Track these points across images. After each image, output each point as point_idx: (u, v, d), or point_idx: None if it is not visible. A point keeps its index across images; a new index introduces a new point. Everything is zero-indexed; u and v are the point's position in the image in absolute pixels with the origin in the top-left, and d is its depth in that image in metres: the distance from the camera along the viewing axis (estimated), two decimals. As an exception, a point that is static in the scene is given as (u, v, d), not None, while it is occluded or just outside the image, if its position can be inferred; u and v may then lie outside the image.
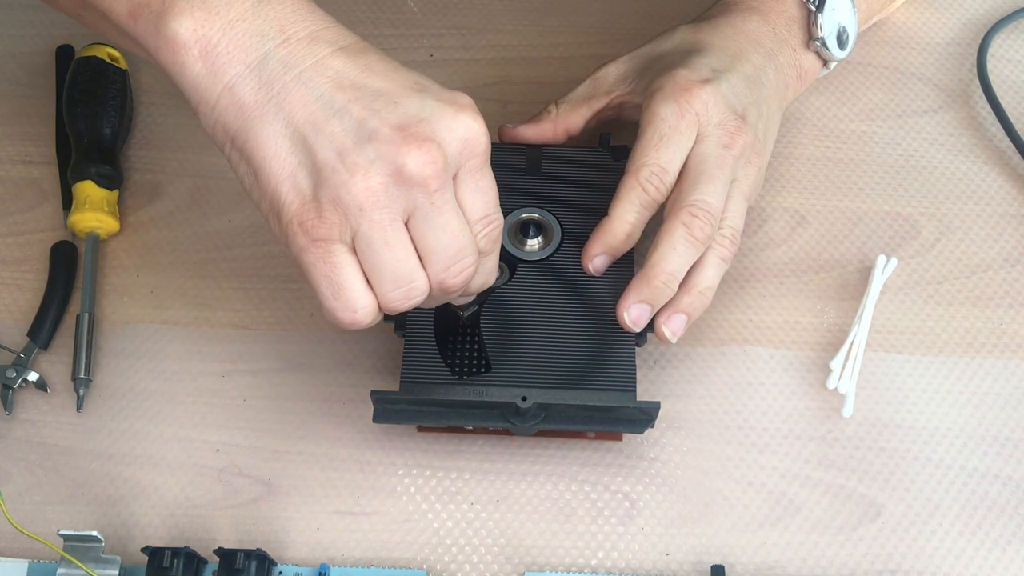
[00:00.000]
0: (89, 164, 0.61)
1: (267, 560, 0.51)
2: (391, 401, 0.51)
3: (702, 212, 0.52)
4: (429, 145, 0.42)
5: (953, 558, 0.52)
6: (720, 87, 0.55)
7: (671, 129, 0.54)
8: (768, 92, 0.58)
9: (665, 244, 0.52)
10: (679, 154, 0.54)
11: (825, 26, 0.60)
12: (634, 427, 0.51)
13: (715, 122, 0.54)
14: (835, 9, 0.60)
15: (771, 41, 0.59)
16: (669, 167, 0.53)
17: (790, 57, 0.60)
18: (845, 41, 0.61)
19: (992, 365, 0.58)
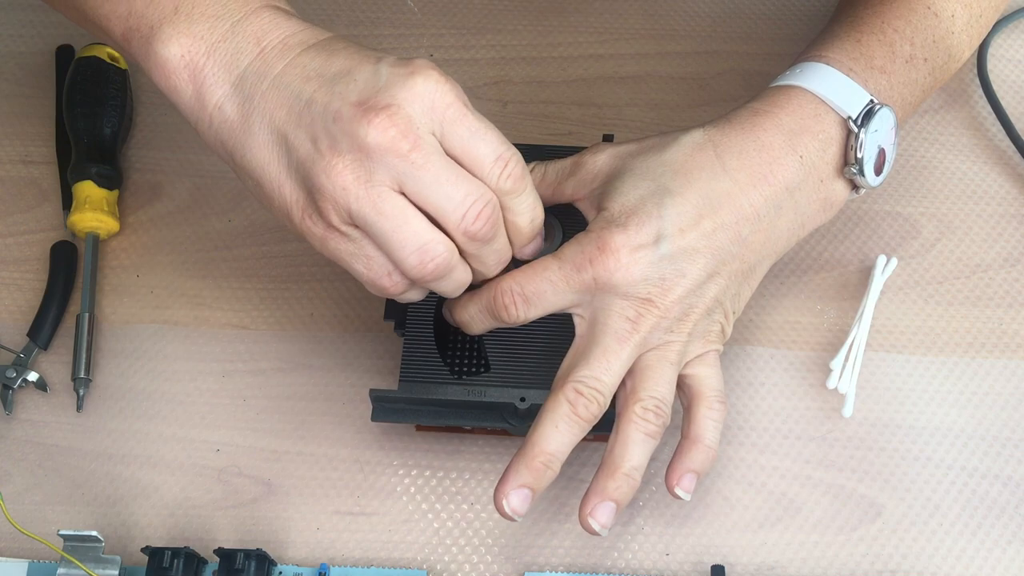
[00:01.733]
0: (89, 164, 0.61)
1: (267, 560, 0.51)
2: (389, 400, 0.51)
3: (588, 389, 0.47)
4: (387, 111, 0.42)
5: (953, 558, 0.52)
6: (644, 253, 0.47)
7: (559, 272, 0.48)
8: (746, 248, 0.49)
9: (546, 421, 0.47)
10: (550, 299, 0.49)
11: (867, 151, 0.50)
12: None
13: (620, 293, 0.47)
14: (878, 130, 0.50)
15: (792, 174, 0.50)
16: (532, 301, 0.49)
17: (814, 191, 0.50)
18: (882, 165, 0.52)
19: (992, 365, 0.58)
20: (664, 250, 0.47)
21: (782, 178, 0.49)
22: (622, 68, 0.68)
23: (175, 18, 0.45)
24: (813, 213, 0.51)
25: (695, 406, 0.50)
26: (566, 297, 0.48)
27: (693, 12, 0.71)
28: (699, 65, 0.68)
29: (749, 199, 0.49)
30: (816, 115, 0.50)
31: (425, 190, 0.44)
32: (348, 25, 0.70)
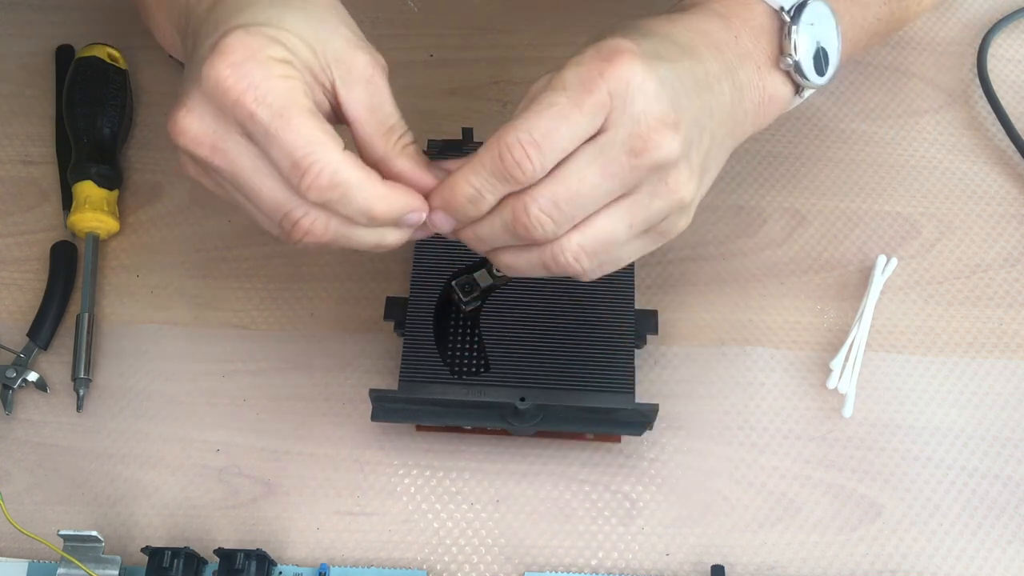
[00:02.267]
0: (89, 164, 0.61)
1: (267, 560, 0.51)
2: (389, 400, 0.51)
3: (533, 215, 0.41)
4: (182, 105, 0.41)
5: (953, 558, 0.52)
6: (657, 70, 0.41)
7: (568, 101, 0.41)
8: (719, 110, 0.45)
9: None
10: (565, 135, 0.41)
11: (801, 43, 0.47)
12: (632, 429, 0.51)
13: (632, 114, 0.41)
14: (814, 23, 0.48)
15: (732, 51, 0.47)
16: (545, 145, 0.40)
17: (753, 76, 0.47)
18: (824, 65, 0.49)
19: (992, 365, 0.58)
20: (668, 68, 0.42)
21: (726, 51, 0.46)
22: (622, 68, 0.68)
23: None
24: (755, 102, 0.48)
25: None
26: (581, 128, 0.41)
27: (693, 12, 0.71)
28: (699, 65, 0.68)
29: (709, 59, 0.46)
30: (745, 4, 0.48)
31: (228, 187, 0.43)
32: (348, 25, 0.70)
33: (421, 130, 0.65)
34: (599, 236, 0.43)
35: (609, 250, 0.43)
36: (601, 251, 0.43)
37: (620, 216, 0.43)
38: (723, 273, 0.60)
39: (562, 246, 0.42)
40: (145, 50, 0.68)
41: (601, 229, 0.43)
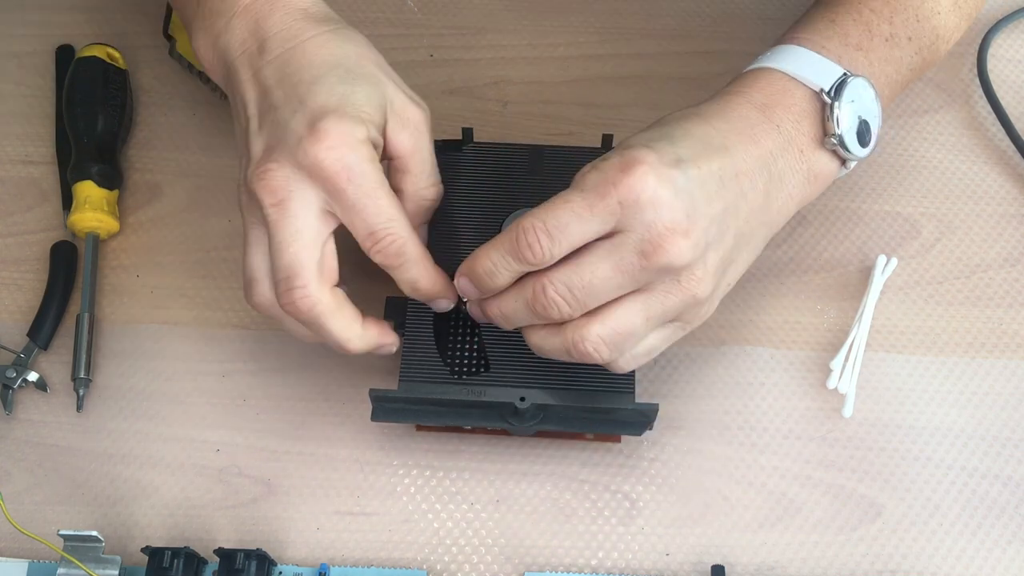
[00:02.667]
0: (89, 164, 0.61)
1: (267, 560, 0.51)
2: (389, 400, 0.51)
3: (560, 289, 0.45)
4: (272, 159, 0.47)
5: (953, 558, 0.52)
6: (674, 181, 0.45)
7: (582, 201, 0.45)
8: (750, 206, 0.48)
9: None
10: (575, 231, 0.45)
11: (843, 120, 0.50)
12: (632, 429, 0.51)
13: (645, 221, 0.44)
14: (854, 101, 0.50)
15: (772, 142, 0.49)
16: (555, 235, 0.45)
17: (795, 160, 0.50)
18: (867, 137, 0.51)
19: (992, 365, 0.58)
20: (686, 178, 0.45)
21: (765, 143, 0.49)
22: (622, 68, 0.68)
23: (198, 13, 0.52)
24: (799, 184, 0.50)
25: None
26: (591, 227, 0.45)
27: (693, 12, 0.71)
28: (699, 65, 0.68)
29: (742, 155, 0.48)
30: (786, 90, 0.51)
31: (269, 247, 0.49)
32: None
33: (421, 130, 0.66)
34: (616, 327, 0.46)
35: (627, 340, 0.46)
36: (620, 341, 0.46)
37: (636, 310, 0.46)
38: (723, 273, 0.60)
39: (582, 335, 0.46)
40: (145, 50, 0.68)
41: (618, 320, 0.46)
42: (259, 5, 0.51)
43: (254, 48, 0.50)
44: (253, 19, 0.50)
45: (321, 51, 0.49)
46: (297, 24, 0.50)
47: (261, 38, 0.50)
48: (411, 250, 0.49)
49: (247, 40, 0.50)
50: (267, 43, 0.50)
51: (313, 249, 0.48)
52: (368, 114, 0.48)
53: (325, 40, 0.50)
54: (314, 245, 0.48)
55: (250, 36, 0.50)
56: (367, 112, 0.48)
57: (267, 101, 0.49)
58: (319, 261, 0.48)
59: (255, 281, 0.50)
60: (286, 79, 0.49)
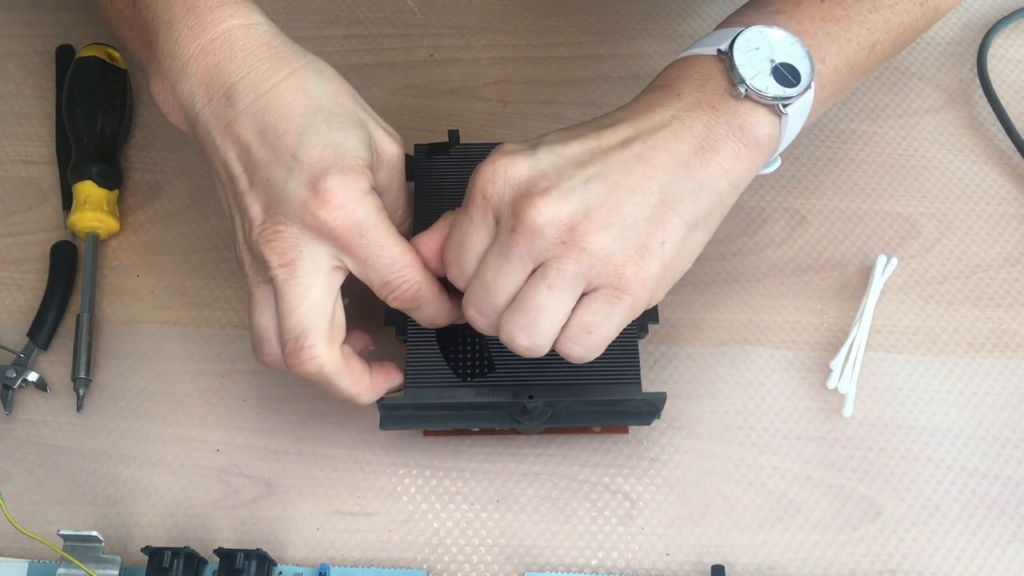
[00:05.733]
0: (89, 164, 0.61)
1: (267, 560, 0.51)
2: (398, 407, 0.51)
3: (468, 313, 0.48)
4: (275, 232, 0.47)
5: (953, 558, 0.52)
6: (528, 156, 0.46)
7: (461, 214, 0.47)
8: (648, 165, 0.46)
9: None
10: (470, 243, 0.47)
11: (745, 68, 0.48)
12: (641, 419, 0.52)
13: (507, 201, 0.46)
14: (759, 47, 0.48)
15: (672, 108, 0.48)
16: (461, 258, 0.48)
17: (709, 117, 0.48)
18: (792, 76, 0.48)
19: (992, 365, 0.58)
20: (545, 151, 0.46)
21: (662, 112, 0.48)
22: (622, 68, 0.68)
23: (151, 56, 0.49)
24: (723, 136, 0.47)
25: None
26: (478, 230, 0.47)
27: (693, 12, 0.71)
28: (699, 65, 0.68)
29: (628, 127, 0.47)
30: (688, 65, 0.50)
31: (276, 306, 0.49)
32: (348, 25, 0.70)
33: (420, 130, 0.66)
34: (522, 307, 0.46)
35: (539, 318, 0.46)
36: (532, 322, 0.46)
37: (535, 283, 0.46)
38: (723, 273, 0.60)
39: (500, 327, 0.47)
40: (145, 50, 0.68)
41: (521, 299, 0.46)
42: (217, 46, 0.47)
43: (220, 97, 0.47)
44: (213, 62, 0.47)
45: (298, 95, 0.47)
46: (263, 65, 0.47)
47: (226, 85, 0.47)
48: (426, 292, 0.49)
49: (210, 86, 0.47)
50: (234, 90, 0.47)
51: (323, 307, 0.47)
52: (364, 159, 0.47)
53: (299, 81, 0.47)
54: (324, 303, 0.47)
55: (212, 82, 0.47)
56: (363, 157, 0.47)
57: (252, 158, 0.47)
58: (329, 320, 0.47)
59: (264, 340, 0.49)
60: (269, 131, 0.47)
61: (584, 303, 0.46)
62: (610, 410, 0.51)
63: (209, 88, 0.47)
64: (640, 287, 0.46)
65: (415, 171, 0.57)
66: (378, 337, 0.57)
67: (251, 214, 0.47)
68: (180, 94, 0.48)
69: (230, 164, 0.48)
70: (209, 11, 0.48)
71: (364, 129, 0.48)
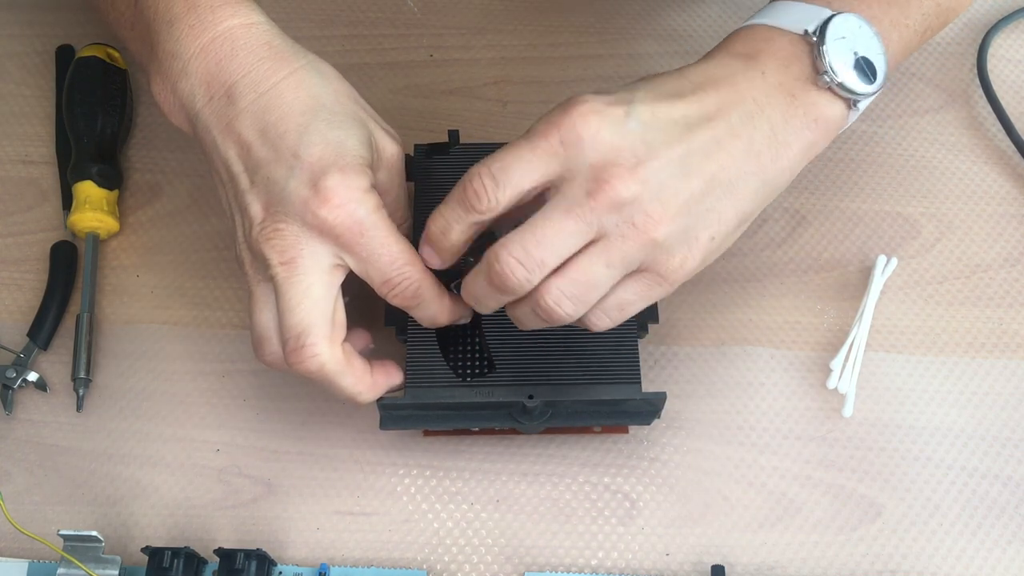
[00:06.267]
0: (89, 164, 0.61)
1: (267, 560, 0.51)
2: (398, 407, 0.51)
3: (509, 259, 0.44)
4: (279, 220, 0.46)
5: (953, 558, 0.52)
6: (619, 120, 0.44)
7: (525, 143, 0.44)
8: (726, 151, 0.46)
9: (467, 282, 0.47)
10: (518, 171, 0.44)
11: (834, 58, 0.47)
12: (641, 418, 0.52)
13: (589, 161, 0.44)
14: (845, 37, 0.48)
15: (757, 88, 0.47)
16: (500, 178, 0.44)
17: (788, 105, 0.47)
18: (870, 73, 0.48)
19: (992, 365, 0.58)
20: (636, 119, 0.44)
21: (745, 90, 0.47)
22: (622, 68, 0.68)
23: (153, 56, 0.49)
24: (797, 130, 0.48)
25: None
26: (535, 169, 0.44)
27: (693, 12, 0.71)
28: (699, 65, 0.68)
29: (715, 101, 0.46)
30: (770, 39, 0.49)
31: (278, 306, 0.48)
32: (348, 25, 0.70)
33: (420, 130, 0.66)
34: (576, 277, 0.44)
35: (589, 291, 0.45)
36: (581, 293, 0.45)
37: (595, 258, 0.44)
38: (723, 273, 0.60)
39: (542, 290, 0.45)
40: (145, 50, 0.68)
41: (577, 269, 0.44)
42: (218, 45, 0.47)
43: (221, 96, 0.47)
44: (214, 61, 0.47)
45: (299, 94, 0.47)
46: (264, 65, 0.47)
47: (227, 83, 0.47)
48: (427, 290, 0.48)
49: (211, 85, 0.47)
50: (235, 89, 0.47)
51: (324, 306, 0.47)
52: (364, 158, 0.47)
53: (299, 80, 0.47)
54: (325, 301, 0.47)
55: (213, 81, 0.47)
56: (363, 156, 0.47)
57: (253, 156, 0.47)
58: (330, 318, 0.47)
59: (265, 340, 0.49)
60: (269, 130, 0.47)
61: (626, 283, 0.46)
62: (610, 410, 0.51)
63: (210, 87, 0.48)
64: (682, 278, 0.46)
65: (415, 171, 0.57)
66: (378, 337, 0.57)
67: (251, 213, 0.47)
68: (181, 93, 0.48)
69: (230, 163, 0.48)
70: (210, 10, 0.48)
71: (364, 128, 0.48)
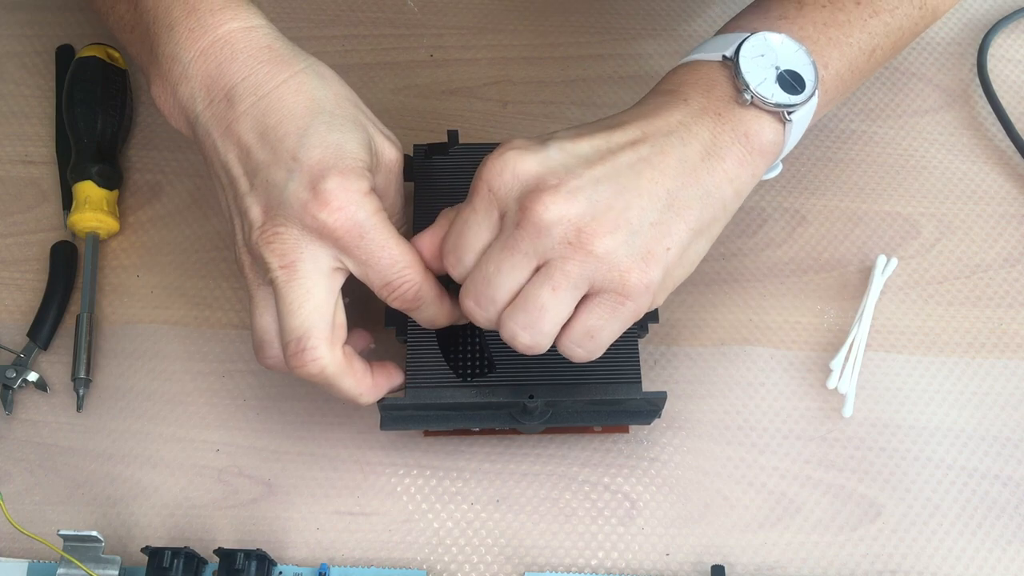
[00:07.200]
0: (89, 164, 0.61)
1: (267, 560, 0.51)
2: (398, 408, 0.51)
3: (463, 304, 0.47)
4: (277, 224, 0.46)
5: (953, 558, 0.52)
6: (538, 152, 0.46)
7: (468, 207, 0.47)
8: (656, 170, 0.46)
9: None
10: (472, 235, 0.46)
11: (751, 75, 0.48)
12: (641, 418, 0.52)
13: (515, 196, 0.45)
14: (764, 55, 0.49)
15: (679, 115, 0.48)
16: (459, 250, 0.47)
17: (715, 125, 0.48)
18: (797, 85, 0.49)
19: (992, 365, 0.58)
20: (556, 149, 0.46)
21: (669, 116, 0.48)
22: (622, 68, 0.68)
23: (153, 59, 0.50)
24: (730, 146, 0.48)
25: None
26: (481, 226, 0.46)
27: (693, 12, 0.71)
28: (699, 65, 0.68)
29: (637, 129, 0.47)
30: (693, 71, 0.50)
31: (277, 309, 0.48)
32: (348, 25, 0.70)
33: (420, 130, 0.66)
34: (524, 306, 0.45)
35: (540, 318, 0.45)
36: (533, 320, 0.45)
37: (539, 283, 0.45)
38: (723, 273, 0.60)
39: (500, 323, 0.46)
40: (145, 50, 0.68)
41: (524, 298, 0.45)
42: (219, 48, 0.48)
43: (221, 99, 0.48)
44: (214, 64, 0.48)
45: (299, 97, 0.47)
46: (264, 68, 0.47)
47: (227, 86, 0.47)
48: (427, 292, 0.49)
49: (211, 89, 0.48)
50: (235, 92, 0.47)
51: (325, 309, 0.47)
52: (364, 161, 0.47)
53: (299, 84, 0.48)
54: (325, 305, 0.47)
55: (213, 84, 0.48)
56: (363, 160, 0.47)
57: (252, 159, 0.47)
58: (330, 321, 0.47)
59: (266, 343, 0.49)
60: (269, 133, 0.47)
61: (587, 307, 0.46)
62: (610, 410, 0.51)
63: (210, 90, 0.48)
64: (643, 293, 0.46)
65: (414, 171, 0.57)
66: (378, 338, 0.57)
67: (251, 216, 0.47)
68: (181, 97, 0.49)
69: (230, 166, 0.48)
70: (210, 14, 0.48)
71: (364, 132, 0.48)
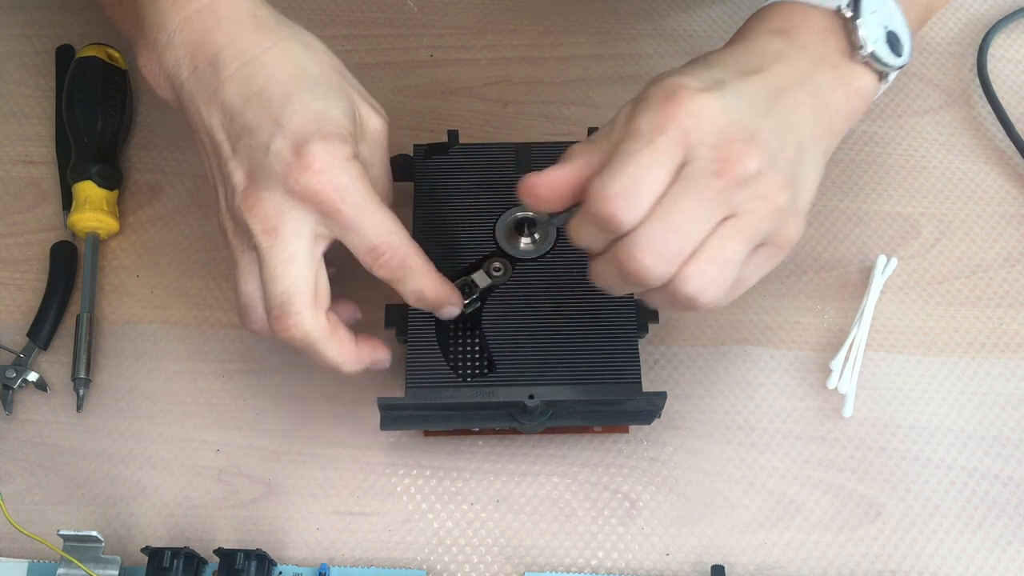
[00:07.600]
0: (89, 164, 0.61)
1: (267, 560, 0.51)
2: (398, 408, 0.51)
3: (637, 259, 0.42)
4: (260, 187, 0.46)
5: (953, 558, 0.52)
6: (723, 98, 0.43)
7: (645, 146, 0.42)
8: (799, 119, 0.46)
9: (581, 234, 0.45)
10: (649, 178, 0.42)
11: (869, 32, 0.48)
12: (641, 418, 0.52)
13: (709, 143, 0.43)
14: (876, 11, 0.48)
15: (803, 60, 0.47)
16: (634, 192, 0.42)
17: (831, 76, 0.48)
18: (898, 46, 0.49)
19: (992, 365, 0.58)
20: (735, 95, 0.44)
21: (797, 63, 0.47)
22: (622, 68, 0.68)
23: (139, 30, 0.50)
24: (841, 100, 0.48)
25: None
26: (662, 166, 0.42)
27: (693, 12, 0.71)
28: (699, 65, 0.68)
29: (778, 75, 0.46)
30: (802, 14, 0.49)
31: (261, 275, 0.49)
32: (348, 25, 0.70)
33: (420, 130, 0.66)
34: (716, 259, 0.43)
35: (728, 272, 0.43)
36: (723, 276, 0.43)
37: (732, 235, 0.43)
38: (723, 273, 0.60)
39: (682, 278, 0.43)
40: (145, 50, 0.68)
41: (716, 251, 0.43)
42: (203, 16, 0.48)
43: (206, 65, 0.48)
44: (199, 31, 0.48)
45: (284, 64, 0.47)
46: (249, 35, 0.48)
47: (211, 53, 0.47)
48: (413, 261, 0.48)
49: (196, 55, 0.48)
50: (220, 58, 0.47)
51: (307, 274, 0.47)
52: (348, 128, 0.47)
53: (284, 50, 0.48)
54: (307, 270, 0.47)
55: (198, 51, 0.48)
56: (347, 127, 0.47)
57: (236, 124, 0.47)
58: (313, 285, 0.47)
59: (251, 309, 0.49)
60: (253, 98, 0.47)
61: (752, 256, 0.45)
62: (610, 410, 0.51)
63: (195, 58, 0.48)
64: (793, 246, 0.46)
65: (414, 171, 0.57)
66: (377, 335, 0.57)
67: (234, 181, 0.47)
68: (166, 64, 0.49)
69: (214, 132, 0.48)
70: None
71: (348, 100, 0.49)
